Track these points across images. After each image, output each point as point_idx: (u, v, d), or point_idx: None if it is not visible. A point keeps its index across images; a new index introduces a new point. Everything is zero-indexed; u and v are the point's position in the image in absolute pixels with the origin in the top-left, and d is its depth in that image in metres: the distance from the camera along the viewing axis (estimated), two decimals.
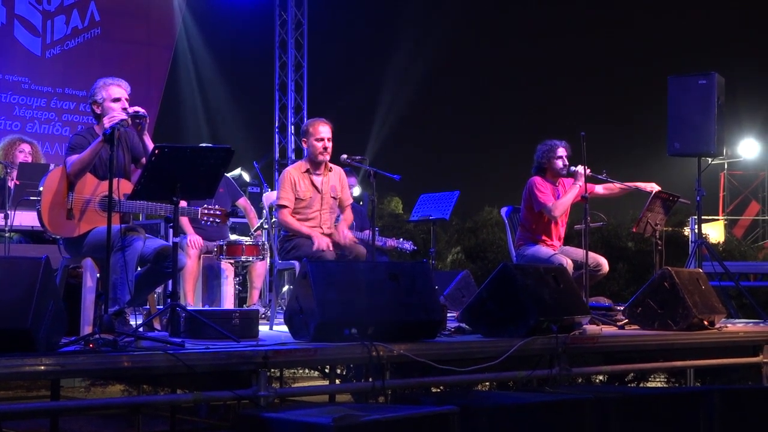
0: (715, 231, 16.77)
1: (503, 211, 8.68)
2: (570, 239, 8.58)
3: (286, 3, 14.68)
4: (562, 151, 8.13)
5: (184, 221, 8.30)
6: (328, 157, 7.37)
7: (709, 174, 21.81)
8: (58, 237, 6.02)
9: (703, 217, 9.66)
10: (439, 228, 14.07)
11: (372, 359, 5.20)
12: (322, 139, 7.31)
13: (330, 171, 7.44)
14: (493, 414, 4.70)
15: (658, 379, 9.63)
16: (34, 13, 12.36)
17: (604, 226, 9.06)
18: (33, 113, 12.34)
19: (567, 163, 8.12)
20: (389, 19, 17.83)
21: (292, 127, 14.48)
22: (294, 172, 7.38)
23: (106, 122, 5.73)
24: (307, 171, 7.37)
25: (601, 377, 8.38)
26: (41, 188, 5.86)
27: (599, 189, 8.24)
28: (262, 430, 4.37)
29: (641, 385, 9.07)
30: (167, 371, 4.76)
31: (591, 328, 6.69)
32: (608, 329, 7.04)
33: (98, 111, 6.06)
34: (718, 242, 13.48)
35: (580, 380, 7.66)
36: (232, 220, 9.09)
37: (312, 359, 5.31)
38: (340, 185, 7.50)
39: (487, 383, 7.65)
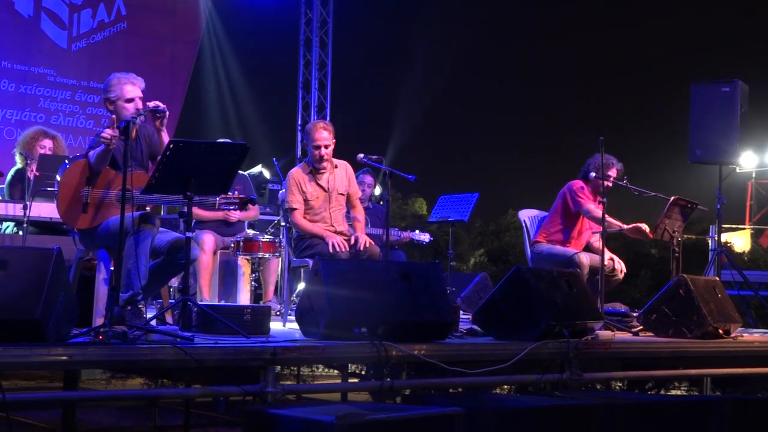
0: (741, 240, 16.66)
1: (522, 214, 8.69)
2: (587, 246, 8.54)
3: (311, 1, 14.71)
4: (613, 172, 8.12)
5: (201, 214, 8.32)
6: (326, 164, 7.36)
7: (736, 183, 21.76)
8: (73, 228, 6.05)
9: (729, 225, 9.62)
10: (462, 230, 14.13)
11: (380, 359, 5.20)
12: (319, 147, 7.32)
13: (336, 167, 7.44)
14: (498, 417, 4.69)
15: (679, 388, 9.56)
16: (61, 6, 12.44)
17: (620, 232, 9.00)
18: (58, 105, 12.42)
19: (611, 184, 8.07)
20: (414, 18, 17.83)
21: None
22: (298, 174, 7.40)
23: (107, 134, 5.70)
24: (311, 172, 7.38)
25: (620, 384, 8.34)
26: (58, 178, 5.91)
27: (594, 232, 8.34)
28: (267, 426, 4.37)
29: (661, 392, 9.00)
30: (176, 365, 4.79)
31: (604, 334, 6.66)
32: (622, 335, 7.00)
33: (111, 108, 6.08)
34: (743, 251, 13.42)
35: (599, 386, 7.63)
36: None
37: (320, 357, 5.31)
38: (347, 179, 7.50)
39: (506, 387, 7.63)
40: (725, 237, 15.04)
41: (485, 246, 14.10)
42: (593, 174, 7.88)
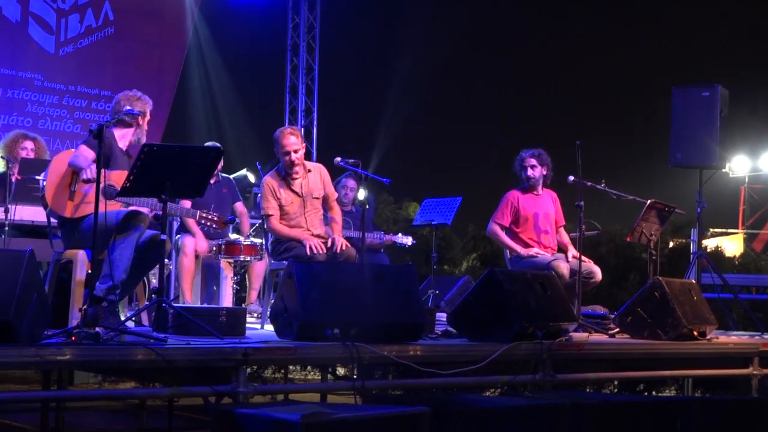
0: (734, 244, 16.70)
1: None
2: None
3: (299, 6, 14.78)
4: (530, 161, 8.29)
5: (191, 224, 8.40)
6: (298, 168, 7.41)
7: (729, 187, 21.81)
8: (59, 215, 6.08)
9: (722, 230, 9.68)
10: (454, 234, 14.16)
11: (353, 360, 5.26)
12: (289, 153, 7.34)
13: (309, 171, 7.49)
14: (465, 416, 4.75)
15: (663, 390, 9.61)
16: (49, 11, 12.49)
17: (599, 235, 9.07)
18: (45, 110, 12.46)
19: (536, 174, 8.25)
20: (401, 23, 17.89)
21: (302, 130, 14.54)
22: (272, 181, 7.44)
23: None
24: (284, 178, 7.43)
25: (610, 387, 8.38)
26: (50, 164, 6.05)
27: (561, 232, 8.48)
28: (234, 425, 4.43)
29: (653, 393, 9.03)
30: (147, 365, 4.84)
31: (578, 336, 6.72)
32: (598, 337, 7.06)
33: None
34: (735, 255, 13.47)
35: (588, 388, 7.68)
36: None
37: (292, 358, 5.36)
38: (322, 182, 7.54)
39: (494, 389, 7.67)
40: (717, 241, 15.14)
41: (478, 250, 14.12)
42: (571, 178, 7.92)
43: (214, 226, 6.35)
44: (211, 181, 8.56)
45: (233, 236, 8.62)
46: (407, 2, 18.04)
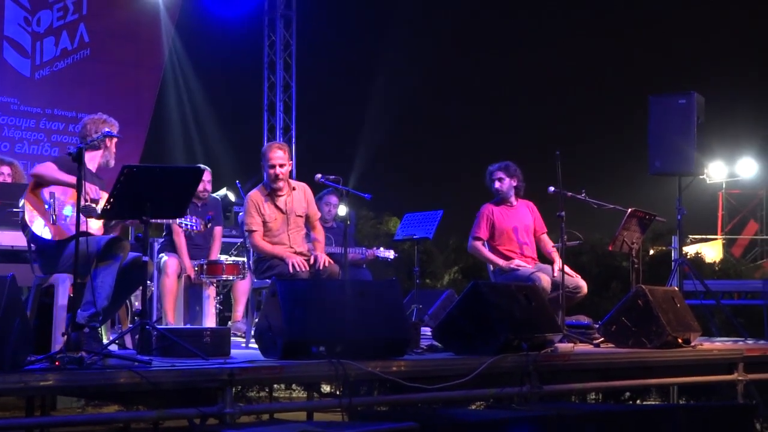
0: (713, 250, 16.77)
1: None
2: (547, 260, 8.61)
3: (274, 24, 14.79)
4: (497, 174, 8.37)
5: (182, 243, 8.36)
6: (282, 183, 7.40)
7: (707, 194, 21.92)
8: (40, 237, 6.04)
9: (701, 236, 9.72)
10: (435, 247, 14.17)
11: (339, 377, 5.25)
12: (274, 166, 7.35)
13: (294, 189, 7.49)
14: (453, 430, 4.73)
15: (647, 398, 9.61)
16: (24, 34, 12.43)
17: (580, 245, 9.08)
18: (22, 134, 12.39)
19: (504, 187, 8.32)
20: (378, 39, 17.93)
21: None
22: (256, 196, 7.44)
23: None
24: (269, 194, 7.43)
25: (594, 396, 8.37)
26: (22, 198, 5.99)
27: (544, 240, 8.47)
28: None
29: (638, 402, 9.03)
30: (132, 389, 4.80)
31: (563, 346, 6.73)
32: (583, 347, 7.07)
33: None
34: (714, 261, 13.53)
35: (573, 398, 7.66)
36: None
37: (278, 377, 5.34)
38: (306, 201, 7.55)
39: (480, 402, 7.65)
40: (697, 248, 15.21)
41: (459, 263, 14.14)
42: (551, 189, 7.91)
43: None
44: (198, 204, 8.54)
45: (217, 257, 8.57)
46: (383, 18, 18.08)
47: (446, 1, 19.16)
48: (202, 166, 7.41)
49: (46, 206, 5.97)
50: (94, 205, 5.89)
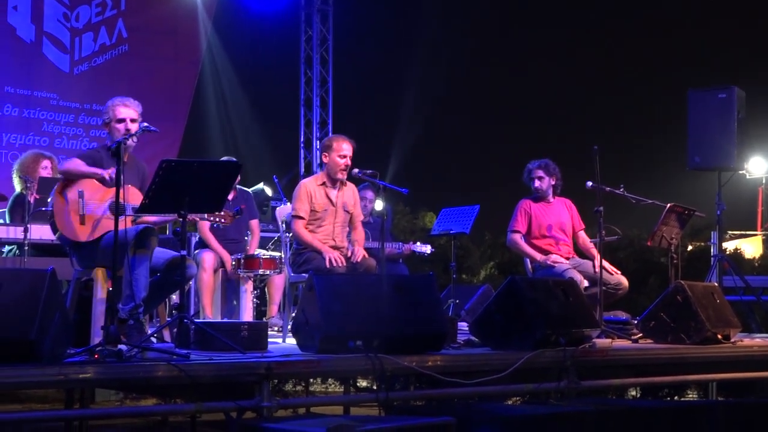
0: (752, 246, 16.59)
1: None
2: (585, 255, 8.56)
3: (311, 19, 14.79)
4: (536, 172, 8.36)
5: (210, 237, 8.42)
6: (343, 176, 7.48)
7: (747, 189, 21.66)
8: (76, 241, 6.07)
9: (741, 232, 9.65)
10: (471, 243, 14.14)
11: (375, 371, 5.24)
12: (345, 156, 7.45)
13: (345, 186, 7.55)
14: (490, 425, 4.72)
15: (685, 394, 9.53)
16: (63, 30, 12.53)
17: (618, 240, 9.02)
18: (61, 129, 12.48)
19: (544, 186, 8.31)
20: (415, 33, 17.90)
21: (318, 141, 14.54)
22: (310, 184, 7.51)
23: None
24: (324, 184, 7.49)
25: (632, 392, 8.32)
26: (51, 198, 6.01)
27: (582, 237, 8.43)
28: None
29: (668, 399, 8.97)
30: (170, 382, 4.83)
31: (601, 342, 6.68)
32: (621, 343, 7.02)
33: (107, 131, 6.20)
34: (754, 257, 13.40)
35: (611, 394, 7.62)
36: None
37: (315, 371, 5.36)
38: (353, 201, 7.61)
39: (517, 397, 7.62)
40: (736, 243, 15.05)
41: (495, 258, 14.11)
42: (590, 183, 7.84)
43: (222, 221, 6.36)
44: (229, 197, 8.57)
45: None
46: (419, 10, 18.04)
47: None
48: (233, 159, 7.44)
49: (75, 205, 5.98)
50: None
